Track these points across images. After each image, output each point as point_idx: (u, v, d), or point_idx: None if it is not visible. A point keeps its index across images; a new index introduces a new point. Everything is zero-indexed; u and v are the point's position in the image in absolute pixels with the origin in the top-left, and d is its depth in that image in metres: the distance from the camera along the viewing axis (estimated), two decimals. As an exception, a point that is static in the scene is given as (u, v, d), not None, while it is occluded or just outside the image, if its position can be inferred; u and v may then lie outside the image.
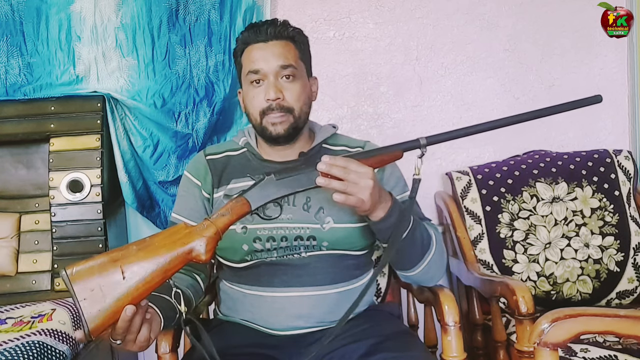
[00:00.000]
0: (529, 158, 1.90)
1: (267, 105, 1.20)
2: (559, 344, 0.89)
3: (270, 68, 1.20)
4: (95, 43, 1.84)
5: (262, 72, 1.20)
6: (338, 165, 1.00)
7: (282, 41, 1.22)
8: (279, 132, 1.21)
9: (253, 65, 1.21)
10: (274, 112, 1.20)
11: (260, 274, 1.21)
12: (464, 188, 1.83)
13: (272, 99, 1.19)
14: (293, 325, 1.19)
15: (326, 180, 1.00)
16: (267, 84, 1.20)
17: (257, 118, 1.22)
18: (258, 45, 1.22)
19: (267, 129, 1.21)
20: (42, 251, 1.76)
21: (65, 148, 1.76)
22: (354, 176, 1.00)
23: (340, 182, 1.00)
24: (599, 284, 1.75)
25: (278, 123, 1.20)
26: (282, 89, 1.20)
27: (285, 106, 1.20)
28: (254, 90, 1.22)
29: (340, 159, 1.02)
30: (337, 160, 1.01)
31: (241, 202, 1.01)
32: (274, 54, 1.20)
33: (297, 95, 1.21)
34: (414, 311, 1.53)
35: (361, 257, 1.27)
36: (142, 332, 0.93)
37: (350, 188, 1.00)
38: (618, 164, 1.85)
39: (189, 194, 1.28)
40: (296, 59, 1.23)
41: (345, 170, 1.00)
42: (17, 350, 1.27)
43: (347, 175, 1.00)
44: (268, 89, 1.19)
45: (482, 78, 2.04)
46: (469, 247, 1.77)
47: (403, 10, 2.02)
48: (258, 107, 1.21)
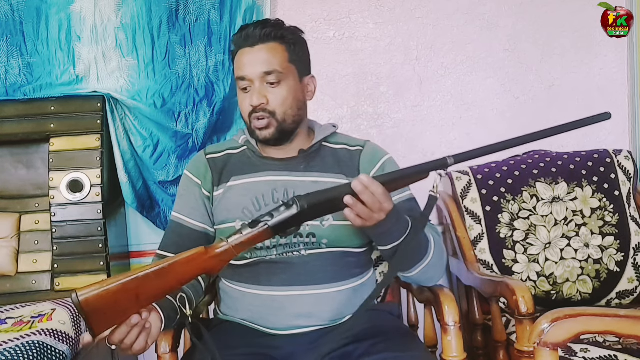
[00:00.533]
0: (529, 158, 1.89)
1: (251, 109, 1.22)
2: (559, 344, 0.89)
3: (254, 74, 1.21)
4: (95, 43, 1.84)
5: (247, 78, 1.22)
6: (372, 191, 1.00)
7: (269, 44, 1.22)
8: (265, 136, 1.23)
9: (240, 72, 1.23)
10: (258, 115, 1.21)
11: (259, 273, 1.21)
12: (464, 188, 1.83)
13: (256, 105, 1.21)
14: (293, 325, 1.19)
15: (354, 202, 1.00)
16: (252, 89, 1.22)
17: (247, 122, 1.25)
18: (245, 50, 1.23)
19: (255, 132, 1.24)
20: (42, 251, 1.76)
21: (65, 148, 1.76)
22: (377, 207, 1.01)
23: (364, 209, 1.01)
24: (599, 284, 1.75)
25: (264, 127, 1.22)
26: (266, 94, 1.21)
27: (268, 110, 1.21)
28: (243, 95, 1.24)
29: (378, 186, 1.01)
30: (373, 186, 1.00)
31: (266, 231, 1.00)
32: (259, 60, 1.21)
33: (282, 100, 1.22)
34: (414, 311, 1.53)
35: (361, 255, 1.27)
36: (139, 340, 0.94)
37: (366, 214, 1.02)
38: (618, 164, 1.85)
39: (189, 193, 1.28)
40: (283, 61, 1.22)
41: (373, 199, 1.01)
42: (17, 350, 1.27)
43: (372, 204, 1.01)
44: (252, 95, 1.21)
45: (482, 78, 2.04)
46: (469, 247, 1.77)
47: (403, 10, 2.02)
48: (246, 111, 1.24)
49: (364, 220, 1.03)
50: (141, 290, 0.91)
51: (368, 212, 1.02)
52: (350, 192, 1.00)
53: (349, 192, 1.00)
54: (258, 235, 0.99)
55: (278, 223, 0.99)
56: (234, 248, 0.97)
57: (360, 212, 1.01)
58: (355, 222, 1.03)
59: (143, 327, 0.95)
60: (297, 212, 0.99)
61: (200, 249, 0.97)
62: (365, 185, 1.00)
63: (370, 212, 1.02)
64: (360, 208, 1.01)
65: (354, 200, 1.00)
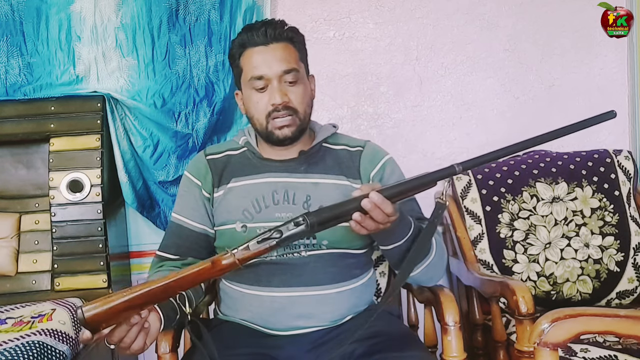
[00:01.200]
0: (529, 158, 1.89)
1: (272, 108, 1.19)
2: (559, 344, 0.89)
3: (273, 73, 1.19)
4: (95, 43, 1.84)
5: (265, 78, 1.19)
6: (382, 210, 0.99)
7: (282, 43, 1.21)
8: (286, 135, 1.21)
9: (256, 71, 1.20)
10: (280, 113, 1.19)
11: (260, 274, 1.21)
12: (464, 188, 1.83)
13: (279, 104, 1.18)
14: (293, 325, 1.19)
15: (362, 218, 1.00)
16: (271, 88, 1.19)
17: (263, 122, 1.21)
18: (258, 48, 1.20)
19: (274, 133, 1.21)
20: (42, 251, 1.76)
21: (65, 148, 1.76)
22: (384, 220, 1.01)
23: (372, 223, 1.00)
24: (599, 284, 1.75)
25: (285, 126, 1.20)
26: (287, 93, 1.19)
27: (291, 107, 1.20)
28: (258, 95, 1.21)
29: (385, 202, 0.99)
30: (384, 205, 0.99)
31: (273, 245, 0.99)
32: (276, 58, 1.19)
33: (301, 98, 1.21)
34: (414, 311, 1.53)
35: (361, 256, 1.27)
36: (138, 340, 0.94)
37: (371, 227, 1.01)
38: (618, 164, 1.85)
39: (189, 194, 1.28)
40: (297, 60, 1.23)
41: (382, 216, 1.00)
42: (17, 350, 1.27)
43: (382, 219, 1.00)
44: (273, 94, 1.18)
45: (482, 78, 2.04)
46: (469, 247, 1.77)
47: (403, 10, 2.02)
48: (263, 112, 1.20)
49: (368, 231, 1.03)
50: (147, 306, 0.92)
51: (375, 225, 1.01)
52: (359, 208, 1.00)
53: (359, 208, 0.99)
54: (264, 250, 0.99)
55: (286, 239, 0.99)
56: (239, 261, 0.97)
57: (367, 226, 1.01)
58: (360, 232, 1.03)
59: (142, 326, 0.95)
60: (308, 230, 0.99)
61: (207, 265, 0.96)
62: (375, 204, 0.99)
63: (376, 225, 1.01)
64: (367, 223, 1.01)
65: (363, 216, 1.00)
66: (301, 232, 0.98)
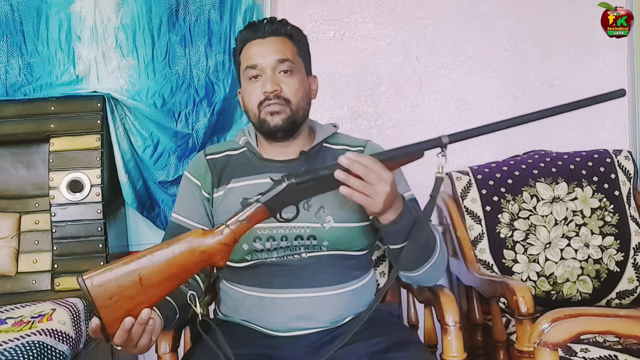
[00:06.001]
0: (529, 158, 1.89)
1: (264, 97, 1.20)
2: (559, 344, 0.89)
3: (267, 62, 1.20)
4: (95, 43, 1.84)
5: (259, 67, 1.21)
6: (361, 163, 0.98)
7: (279, 37, 1.24)
8: (277, 123, 1.21)
9: (250, 61, 1.22)
10: (271, 102, 1.20)
11: (260, 275, 1.21)
12: (464, 188, 1.83)
13: (270, 92, 1.19)
14: (293, 327, 1.19)
15: (345, 176, 0.98)
16: (265, 78, 1.21)
17: (255, 111, 1.22)
18: (256, 41, 1.23)
19: (266, 120, 1.21)
20: (42, 251, 1.76)
21: (65, 148, 1.77)
22: (374, 177, 0.98)
23: (359, 181, 0.98)
24: (599, 284, 1.75)
25: (276, 113, 1.20)
26: (279, 83, 1.20)
27: (283, 97, 1.20)
28: (252, 85, 1.22)
29: (366, 157, 0.99)
30: (361, 158, 0.99)
31: (260, 209, 0.99)
32: (271, 49, 1.22)
33: (295, 90, 1.21)
34: (414, 311, 1.53)
35: (361, 258, 1.27)
36: (144, 338, 0.94)
37: (367, 189, 0.99)
38: (618, 164, 1.85)
39: (189, 194, 1.28)
40: (294, 54, 1.24)
41: (367, 170, 0.98)
42: (17, 350, 1.27)
43: (367, 175, 0.98)
44: (265, 83, 1.20)
45: (482, 78, 2.04)
46: (469, 247, 1.77)
47: (403, 10, 2.02)
48: (255, 101, 1.21)
49: (365, 196, 1.00)
50: (142, 271, 0.91)
51: (365, 185, 0.99)
52: (340, 168, 0.99)
53: (339, 167, 0.99)
54: (254, 215, 0.98)
55: (270, 199, 0.98)
56: (233, 232, 0.97)
57: (356, 185, 0.99)
58: (355, 197, 0.99)
59: (146, 324, 0.94)
60: (287, 186, 0.99)
61: (197, 230, 0.97)
62: (352, 159, 0.98)
63: (367, 185, 0.99)
64: (354, 181, 0.98)
65: (346, 174, 0.98)
66: (283, 191, 0.98)
